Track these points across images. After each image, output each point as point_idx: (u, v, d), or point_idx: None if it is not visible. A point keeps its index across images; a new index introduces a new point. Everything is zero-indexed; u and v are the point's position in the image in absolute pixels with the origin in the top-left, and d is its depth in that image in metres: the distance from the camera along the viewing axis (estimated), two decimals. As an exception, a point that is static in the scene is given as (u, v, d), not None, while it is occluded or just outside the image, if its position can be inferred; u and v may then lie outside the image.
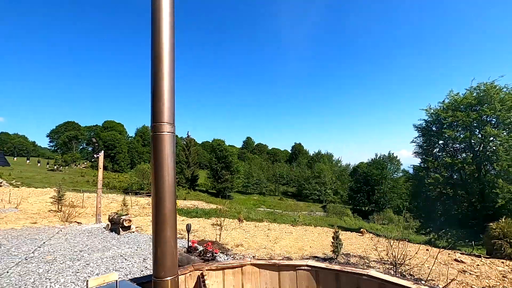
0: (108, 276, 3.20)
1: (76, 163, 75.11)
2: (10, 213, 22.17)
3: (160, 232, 3.55)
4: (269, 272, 4.38)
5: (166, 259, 3.49)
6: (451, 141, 29.22)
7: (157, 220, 3.58)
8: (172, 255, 3.59)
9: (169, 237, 3.58)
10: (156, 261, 3.57)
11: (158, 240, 3.56)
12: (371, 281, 3.64)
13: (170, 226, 3.60)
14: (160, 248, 3.54)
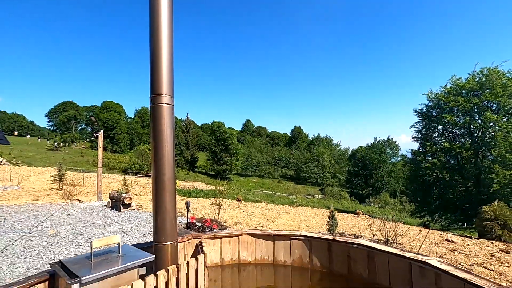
0: (111, 238, 3.31)
1: (75, 143, 75.16)
2: (12, 190, 22.47)
3: (160, 199, 3.66)
4: (264, 242, 4.53)
5: (166, 225, 3.62)
6: (450, 126, 29.24)
7: (157, 187, 3.68)
8: (172, 222, 3.71)
9: (169, 204, 3.68)
10: (156, 227, 3.69)
11: (158, 207, 3.67)
12: (360, 248, 3.79)
13: (169, 194, 3.70)
14: (160, 214, 3.66)
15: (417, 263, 3.31)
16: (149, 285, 3.20)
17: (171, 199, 3.71)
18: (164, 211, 3.66)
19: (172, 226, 3.71)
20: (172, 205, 3.72)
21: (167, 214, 3.66)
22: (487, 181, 24.58)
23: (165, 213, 3.65)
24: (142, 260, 3.34)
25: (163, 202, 3.65)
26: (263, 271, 4.46)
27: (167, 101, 3.79)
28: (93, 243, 3.18)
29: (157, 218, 3.67)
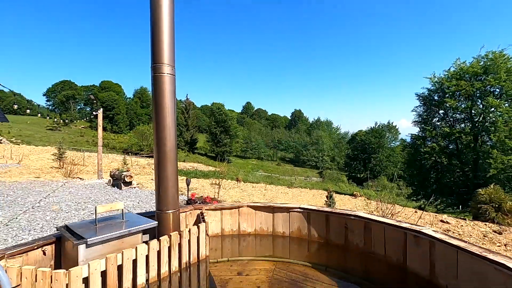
0: (115, 205, 3.39)
1: (74, 123, 74.90)
2: (13, 168, 22.64)
3: (162, 169, 3.71)
4: (264, 214, 4.63)
5: (168, 193, 3.69)
6: (451, 111, 29.15)
7: (159, 157, 3.72)
8: (174, 191, 3.78)
9: (170, 173, 3.74)
10: (158, 196, 3.77)
11: (160, 176, 3.73)
12: (358, 220, 3.89)
13: (171, 163, 3.75)
14: (163, 183, 3.73)
15: (412, 232, 3.41)
16: (152, 249, 3.31)
17: (173, 168, 3.77)
18: (166, 180, 3.72)
19: (174, 195, 3.79)
20: (174, 174, 3.78)
21: (169, 183, 3.72)
22: (485, 166, 24.79)
23: (167, 182, 3.72)
24: (145, 226, 3.44)
25: (165, 171, 3.71)
26: (262, 241, 4.59)
27: (168, 71, 3.76)
28: (97, 208, 3.26)
29: (159, 187, 3.74)
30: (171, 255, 3.50)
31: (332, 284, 3.44)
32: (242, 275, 3.66)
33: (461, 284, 2.94)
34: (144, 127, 56.71)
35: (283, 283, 3.48)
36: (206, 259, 3.94)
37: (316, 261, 3.99)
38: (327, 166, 61.80)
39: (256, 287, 3.43)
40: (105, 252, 3.03)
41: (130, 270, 3.10)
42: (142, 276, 3.22)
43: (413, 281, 3.44)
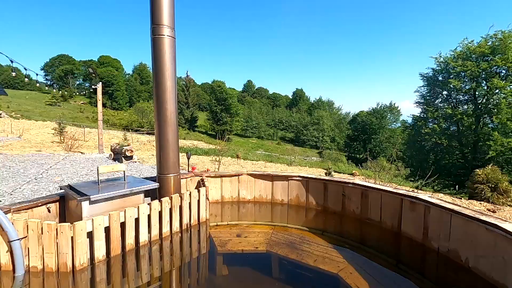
0: (117, 166, 3.44)
1: (73, 98, 74.26)
2: (14, 141, 22.74)
3: (163, 133, 3.72)
4: (263, 182, 4.70)
5: (168, 157, 3.73)
6: (455, 92, 28.82)
7: (159, 121, 3.72)
8: (174, 154, 3.82)
9: (171, 136, 3.76)
10: (160, 160, 3.81)
11: (161, 140, 3.76)
12: (355, 187, 3.95)
13: (171, 127, 3.76)
14: (164, 147, 3.75)
15: (409, 198, 3.48)
16: (154, 209, 3.40)
17: (174, 132, 3.78)
18: (167, 144, 3.74)
19: (175, 159, 3.83)
20: (174, 138, 3.79)
21: (170, 147, 3.75)
22: (484, 148, 24.88)
23: (168, 146, 3.74)
24: (147, 186, 3.51)
25: (166, 135, 3.72)
26: (261, 208, 4.70)
27: (168, 33, 3.67)
28: (99, 168, 3.31)
29: (160, 151, 3.77)
30: (172, 216, 3.60)
31: (328, 246, 3.56)
32: (241, 237, 3.78)
33: (452, 245, 3.04)
34: (144, 104, 56.25)
35: (280, 244, 3.60)
36: (206, 222, 4.05)
37: (314, 226, 4.11)
38: (327, 146, 62.02)
39: (254, 247, 3.55)
40: (108, 210, 3.11)
41: (133, 227, 3.20)
42: (145, 234, 3.33)
43: (406, 244, 3.56)
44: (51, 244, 2.72)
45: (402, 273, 3.09)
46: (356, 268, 3.09)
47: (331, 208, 4.39)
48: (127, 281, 2.92)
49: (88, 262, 2.94)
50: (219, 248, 3.51)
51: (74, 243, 2.77)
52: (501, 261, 2.54)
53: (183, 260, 3.38)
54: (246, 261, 3.36)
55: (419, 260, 3.32)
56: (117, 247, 3.11)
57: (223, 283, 2.90)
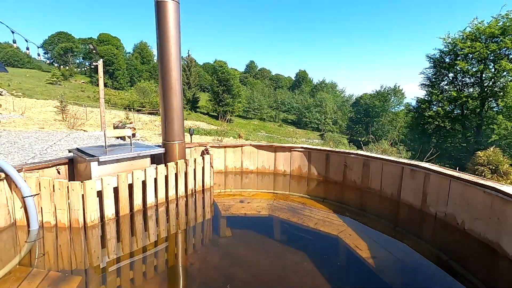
0: (123, 131, 3.50)
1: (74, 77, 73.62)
2: (17, 119, 22.83)
3: (167, 100, 3.75)
4: (266, 153, 4.77)
5: (173, 124, 3.78)
6: (461, 74, 28.38)
7: (164, 89, 3.74)
8: (179, 121, 3.87)
9: (176, 104, 3.79)
10: (165, 127, 3.86)
11: (166, 107, 3.79)
12: (357, 157, 4.01)
13: (176, 94, 3.78)
14: (168, 115, 3.80)
15: (409, 166, 3.54)
16: (160, 173, 3.49)
17: (178, 99, 3.81)
18: (172, 110, 3.78)
19: (180, 126, 3.88)
20: (179, 105, 3.83)
21: (175, 114, 3.79)
22: (488, 131, 24.81)
23: (173, 113, 3.78)
24: (153, 151, 3.58)
25: (170, 102, 3.75)
26: (264, 179, 4.80)
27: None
28: (106, 132, 3.37)
29: (165, 118, 3.81)
30: (178, 181, 3.70)
31: (328, 212, 3.68)
32: (244, 203, 3.90)
33: (450, 209, 3.14)
34: (145, 83, 55.71)
35: (282, 210, 3.72)
36: (210, 188, 4.17)
37: (315, 194, 4.22)
38: (329, 129, 61.83)
39: (257, 211, 3.68)
40: (116, 172, 3.20)
41: (140, 189, 3.30)
42: (151, 197, 3.44)
43: (405, 210, 3.67)
44: (63, 201, 2.83)
45: (399, 235, 3.21)
46: (355, 231, 3.21)
47: (333, 178, 4.48)
48: (135, 240, 3.05)
49: (98, 220, 3.07)
50: (223, 212, 3.63)
51: (85, 201, 2.88)
52: (495, 222, 2.64)
53: (188, 222, 3.51)
54: (249, 224, 3.49)
55: (417, 224, 3.44)
56: (126, 207, 3.23)
57: (227, 244, 3.04)
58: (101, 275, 2.39)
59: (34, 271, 2.39)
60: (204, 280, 2.36)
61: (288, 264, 2.64)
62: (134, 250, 2.82)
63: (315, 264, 2.61)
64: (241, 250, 2.91)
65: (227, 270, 2.50)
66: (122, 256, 2.68)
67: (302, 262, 2.67)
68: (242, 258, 2.75)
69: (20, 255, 2.59)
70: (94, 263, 2.59)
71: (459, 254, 2.82)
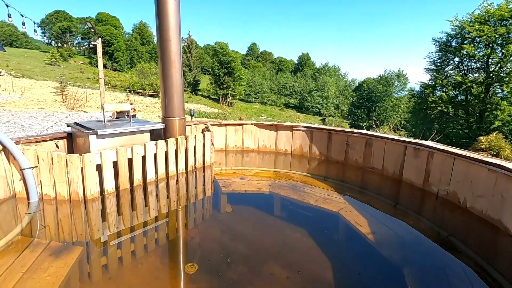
0: (122, 105, 3.43)
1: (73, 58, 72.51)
2: (17, 99, 22.65)
3: (167, 75, 3.65)
4: (267, 131, 4.71)
5: (173, 100, 3.69)
6: (467, 58, 27.86)
7: (163, 63, 3.63)
8: (179, 98, 3.78)
9: (175, 79, 3.69)
10: (165, 103, 3.78)
11: (165, 82, 3.69)
12: (360, 136, 3.95)
13: (175, 69, 3.68)
14: (168, 90, 3.71)
15: (413, 145, 3.49)
16: (160, 149, 3.45)
17: (178, 74, 3.70)
18: (172, 86, 3.69)
19: (180, 103, 3.80)
20: (179, 80, 3.73)
21: (174, 89, 3.70)
22: (491, 117, 24.64)
23: (173, 88, 3.69)
24: (153, 126, 3.53)
25: (170, 76, 3.65)
26: (265, 158, 4.77)
27: (171, -31, 3.43)
28: (105, 106, 3.30)
29: (165, 93, 3.73)
30: (178, 157, 3.67)
31: (329, 189, 3.67)
32: (244, 180, 3.88)
33: (452, 188, 3.11)
34: (145, 65, 54.86)
35: (283, 187, 3.71)
36: (211, 166, 4.14)
37: (316, 173, 4.19)
38: (331, 114, 61.36)
39: (258, 188, 3.66)
40: (115, 146, 3.16)
41: (140, 164, 3.27)
42: (152, 172, 3.42)
43: (406, 189, 3.65)
44: (62, 174, 2.81)
45: (400, 213, 3.20)
46: (356, 208, 3.21)
47: (334, 158, 4.44)
48: (136, 214, 3.06)
49: (98, 193, 3.06)
50: (223, 189, 3.62)
51: (84, 174, 2.86)
52: (499, 200, 2.61)
53: (188, 198, 3.51)
54: (250, 200, 3.48)
55: (418, 202, 3.42)
56: (125, 181, 3.21)
57: (228, 220, 3.04)
58: (102, 247, 2.40)
59: (36, 241, 2.41)
60: (204, 253, 2.37)
61: (288, 239, 2.64)
62: (135, 224, 2.82)
63: (315, 240, 2.61)
64: (241, 225, 2.92)
65: (228, 245, 2.50)
66: (123, 230, 2.68)
67: (302, 237, 2.67)
68: (242, 233, 2.75)
69: (21, 225, 2.60)
70: (95, 235, 2.60)
71: (460, 231, 2.82)
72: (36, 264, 2.10)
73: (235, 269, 2.13)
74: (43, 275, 1.97)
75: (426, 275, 2.15)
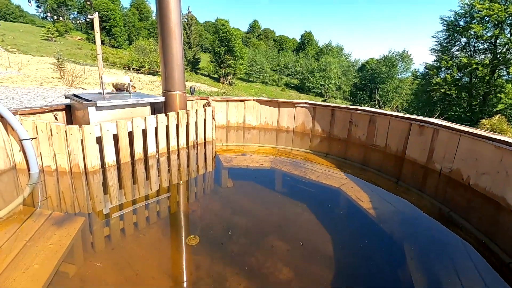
0: (122, 77, 3.33)
1: (70, 34, 70.60)
2: (14, 75, 22.26)
3: (167, 47, 3.51)
4: (269, 108, 4.63)
5: (174, 73, 3.58)
6: (475, 39, 27.17)
7: (163, 35, 3.48)
8: (179, 71, 3.67)
9: (176, 51, 3.56)
10: (165, 76, 3.67)
11: (165, 55, 3.57)
12: (364, 113, 3.87)
13: (176, 41, 3.54)
14: (168, 63, 3.58)
15: (418, 122, 3.43)
16: (161, 122, 3.39)
17: (178, 46, 3.57)
18: (172, 59, 3.56)
19: (180, 75, 3.69)
20: (179, 53, 3.60)
21: (175, 61, 3.58)
22: (494, 100, 24.40)
23: (173, 61, 3.57)
24: (153, 99, 3.45)
25: (170, 48, 3.52)
26: (267, 135, 4.72)
27: None
28: (103, 77, 3.20)
29: (165, 66, 3.61)
30: (179, 132, 3.62)
31: (331, 166, 3.65)
32: (245, 156, 3.86)
33: (456, 165, 3.09)
34: (144, 42, 53.44)
35: (284, 163, 3.69)
36: (212, 141, 4.10)
37: (318, 150, 4.16)
38: (332, 95, 60.57)
39: (259, 164, 3.64)
40: (115, 119, 3.10)
41: (140, 138, 3.23)
42: (153, 146, 3.38)
43: (409, 166, 3.63)
44: (62, 145, 2.77)
45: (401, 190, 3.20)
46: (358, 184, 3.20)
47: (337, 135, 4.40)
48: (137, 188, 3.05)
49: (99, 166, 3.04)
50: (224, 164, 3.60)
51: (84, 146, 2.82)
52: (503, 177, 2.59)
53: (190, 172, 3.49)
54: (251, 175, 3.47)
55: (420, 179, 3.42)
56: (126, 155, 3.18)
57: (229, 194, 3.04)
58: (104, 219, 2.41)
59: (38, 211, 2.41)
60: (205, 226, 2.38)
61: (289, 213, 2.65)
62: (137, 198, 2.82)
63: (316, 214, 2.62)
64: (242, 200, 2.92)
65: (229, 218, 2.51)
66: (124, 203, 2.68)
67: (303, 212, 2.68)
68: (243, 207, 2.75)
69: (23, 196, 2.60)
70: (97, 207, 2.60)
71: (461, 208, 2.82)
72: (39, 233, 2.11)
73: (236, 241, 2.15)
74: (47, 243, 1.98)
75: (426, 250, 2.17)
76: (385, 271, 1.94)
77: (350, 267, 1.96)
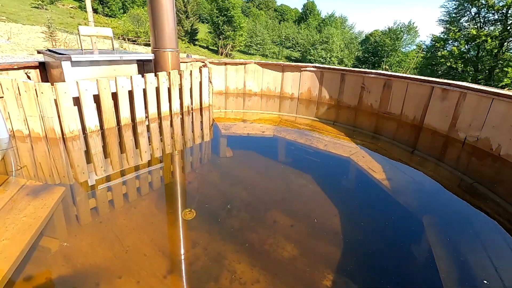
0: (103, 29, 2.86)
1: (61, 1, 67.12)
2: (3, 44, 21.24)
3: None
4: (272, 72, 4.18)
5: (164, 28, 3.09)
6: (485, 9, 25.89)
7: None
8: (171, 27, 3.16)
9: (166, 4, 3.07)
10: (154, 32, 3.17)
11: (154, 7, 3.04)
12: (378, 77, 3.45)
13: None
14: (158, 17, 3.06)
15: (441, 85, 3.03)
16: (150, 83, 2.98)
17: None
18: (162, 11, 3.07)
19: (172, 31, 3.22)
20: (170, 5, 3.10)
21: (165, 15, 3.09)
22: (500, 75, 23.73)
23: (163, 14, 3.07)
24: (140, 56, 3.01)
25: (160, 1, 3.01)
26: (269, 102, 4.33)
27: None
28: (80, 28, 2.73)
29: (153, 20, 3.12)
30: (172, 95, 3.22)
31: (339, 134, 3.30)
32: (246, 123, 3.49)
33: (484, 133, 2.74)
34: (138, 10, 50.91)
35: (288, 131, 3.34)
36: (209, 107, 3.71)
37: (325, 117, 3.79)
38: (334, 69, 59.06)
39: (261, 132, 3.29)
40: (96, 77, 2.69)
41: (127, 99, 2.84)
42: (141, 111, 3.00)
43: (427, 136, 3.28)
44: (33, 106, 2.39)
45: (419, 160, 2.87)
46: (369, 154, 2.87)
47: (346, 102, 4.01)
48: (125, 157, 2.72)
49: (79, 132, 2.67)
50: (223, 132, 3.25)
51: (59, 108, 2.44)
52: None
53: (184, 141, 3.15)
54: (252, 144, 3.14)
55: (440, 150, 3.08)
56: (111, 119, 2.81)
57: (228, 164, 2.72)
58: (89, 190, 2.10)
59: (9, 180, 2.10)
60: (203, 198, 2.09)
61: (294, 186, 2.34)
62: (125, 168, 2.50)
63: (323, 186, 2.31)
64: (242, 170, 2.60)
65: (228, 190, 2.21)
66: (111, 174, 2.36)
67: (309, 184, 2.37)
68: (244, 178, 2.44)
69: (-10, 162, 2.27)
70: (80, 177, 2.28)
71: (488, 179, 2.51)
72: (10, 204, 1.80)
73: (236, 216, 1.87)
74: (19, 215, 1.69)
75: (448, 224, 1.89)
76: (401, 249, 1.67)
77: (360, 244, 1.69)
